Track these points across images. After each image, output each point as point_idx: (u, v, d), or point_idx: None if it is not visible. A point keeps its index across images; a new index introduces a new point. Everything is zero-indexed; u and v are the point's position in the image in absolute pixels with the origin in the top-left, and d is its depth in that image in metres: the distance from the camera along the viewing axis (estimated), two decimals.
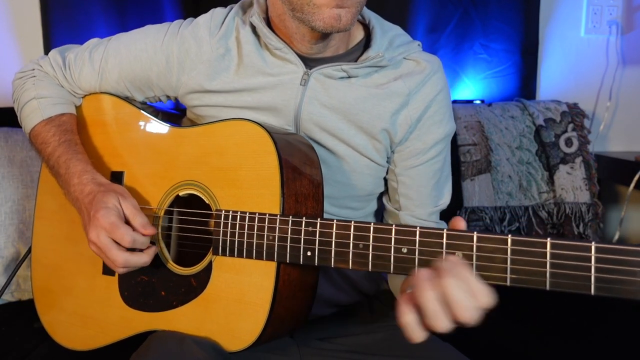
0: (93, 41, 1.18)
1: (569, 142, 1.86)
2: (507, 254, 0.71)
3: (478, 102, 1.98)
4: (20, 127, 1.56)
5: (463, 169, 1.78)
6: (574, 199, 1.81)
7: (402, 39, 1.09)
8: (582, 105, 1.94)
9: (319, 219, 0.85)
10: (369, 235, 0.81)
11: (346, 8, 0.92)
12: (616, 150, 2.12)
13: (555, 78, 2.08)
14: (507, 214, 1.78)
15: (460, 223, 0.78)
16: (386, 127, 1.06)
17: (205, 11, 1.16)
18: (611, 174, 1.96)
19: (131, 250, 0.96)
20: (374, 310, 1.19)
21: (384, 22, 1.10)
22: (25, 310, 1.23)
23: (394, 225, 0.79)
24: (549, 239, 0.69)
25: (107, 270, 1.07)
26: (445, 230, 0.75)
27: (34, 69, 1.18)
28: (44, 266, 1.18)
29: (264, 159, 0.91)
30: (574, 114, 1.90)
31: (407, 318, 0.71)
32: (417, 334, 0.71)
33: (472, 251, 0.73)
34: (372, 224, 0.81)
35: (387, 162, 1.11)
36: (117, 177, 1.10)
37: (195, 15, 1.14)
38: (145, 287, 1.02)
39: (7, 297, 1.46)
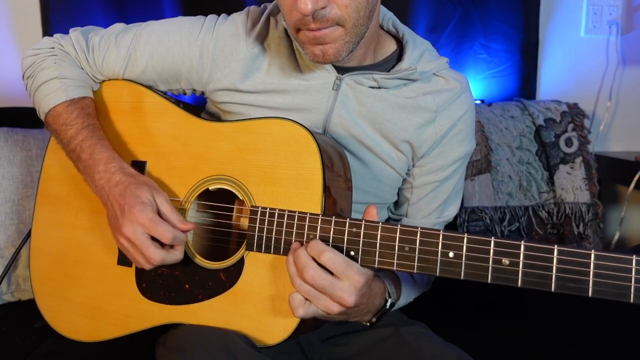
0: (118, 26, 1.15)
1: (569, 142, 1.86)
2: (553, 263, 0.76)
3: (478, 102, 1.98)
4: (20, 126, 1.54)
5: None
6: (574, 199, 1.81)
7: (432, 54, 1.09)
8: (582, 105, 1.94)
9: (363, 221, 0.87)
10: (416, 239, 0.84)
11: (328, 44, 0.93)
12: (616, 150, 2.12)
13: (555, 78, 2.08)
14: (507, 214, 1.78)
15: (372, 211, 0.87)
16: (409, 139, 1.06)
17: (205, 11, 1.16)
18: (611, 174, 1.96)
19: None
20: None
21: (416, 36, 1.10)
22: (25, 310, 1.23)
23: (441, 231, 0.83)
24: (592, 251, 0.75)
25: (123, 261, 1.06)
26: (492, 237, 0.80)
27: (53, 47, 1.13)
28: (46, 254, 1.16)
29: (306, 159, 0.92)
30: (574, 114, 1.90)
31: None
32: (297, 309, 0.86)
33: (519, 259, 0.78)
34: (419, 228, 0.84)
35: (406, 174, 1.12)
36: (139, 167, 1.08)
37: (196, 15, 1.14)
38: (167, 280, 1.01)
39: (7, 297, 1.46)
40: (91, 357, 1.11)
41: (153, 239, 0.94)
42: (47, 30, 1.74)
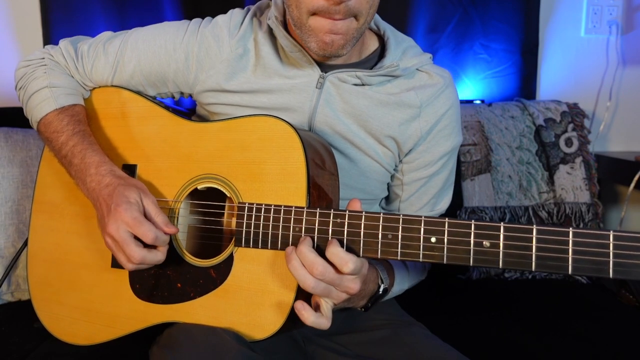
0: (106, 34, 1.18)
1: (569, 142, 1.86)
2: (532, 243, 0.77)
3: (478, 102, 1.98)
4: (20, 126, 1.55)
5: (463, 169, 1.78)
6: (574, 199, 1.81)
7: (415, 50, 1.11)
8: (582, 105, 1.94)
9: (347, 211, 0.88)
10: (398, 226, 0.85)
11: (340, 35, 0.95)
12: (616, 150, 2.12)
13: (555, 78, 2.08)
14: (507, 214, 1.78)
15: (356, 204, 0.88)
16: (393, 135, 1.08)
17: (205, 11, 1.17)
18: (611, 174, 1.96)
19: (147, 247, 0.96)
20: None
21: (397, 33, 1.12)
22: (25, 310, 1.23)
23: (423, 217, 0.84)
24: (570, 228, 0.76)
25: (117, 263, 1.06)
26: (473, 221, 0.81)
27: (43, 58, 1.16)
28: (43, 261, 1.17)
29: (290, 154, 0.94)
30: (574, 114, 1.90)
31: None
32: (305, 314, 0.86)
33: (499, 240, 0.79)
34: (401, 215, 0.85)
35: (394, 169, 1.13)
36: (129, 170, 1.09)
37: (195, 15, 1.14)
38: (160, 279, 1.03)
39: (7, 297, 1.46)
40: (91, 358, 1.11)
41: (137, 239, 0.95)
42: (47, 31, 1.75)
